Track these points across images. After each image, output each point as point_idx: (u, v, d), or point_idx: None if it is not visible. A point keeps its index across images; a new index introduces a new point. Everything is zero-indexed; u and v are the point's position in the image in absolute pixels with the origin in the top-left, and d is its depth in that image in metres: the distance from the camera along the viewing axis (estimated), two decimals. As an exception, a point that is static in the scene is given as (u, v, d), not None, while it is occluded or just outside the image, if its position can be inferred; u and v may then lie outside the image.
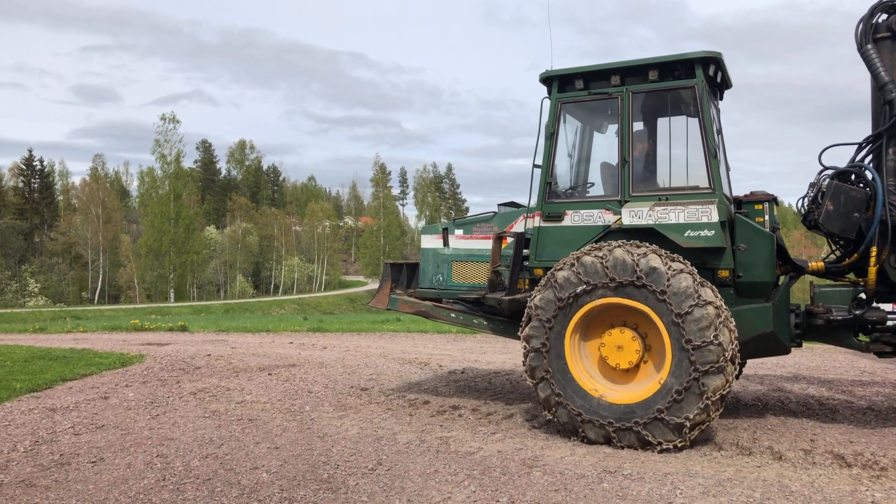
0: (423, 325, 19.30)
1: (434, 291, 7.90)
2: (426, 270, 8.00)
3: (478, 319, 7.69)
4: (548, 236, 6.88)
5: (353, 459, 5.67)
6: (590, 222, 6.71)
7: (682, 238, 6.28)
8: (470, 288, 7.65)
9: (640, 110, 6.96)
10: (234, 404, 7.98)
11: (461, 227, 7.88)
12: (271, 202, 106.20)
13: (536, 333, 6.29)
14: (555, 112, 6.95)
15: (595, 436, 6.00)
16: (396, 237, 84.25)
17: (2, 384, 9.19)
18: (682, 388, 5.68)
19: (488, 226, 7.68)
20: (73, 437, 6.48)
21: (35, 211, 74.52)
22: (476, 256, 7.69)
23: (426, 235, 8.12)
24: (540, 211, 6.93)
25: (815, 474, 5.19)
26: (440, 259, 7.91)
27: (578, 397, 6.10)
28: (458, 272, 7.79)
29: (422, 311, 7.81)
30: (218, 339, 16.85)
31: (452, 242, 7.87)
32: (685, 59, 6.41)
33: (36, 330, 21.01)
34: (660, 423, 5.76)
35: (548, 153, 6.94)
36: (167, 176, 65.06)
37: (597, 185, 7.34)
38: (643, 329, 6.14)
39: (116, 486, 5.05)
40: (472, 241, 7.76)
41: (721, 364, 5.66)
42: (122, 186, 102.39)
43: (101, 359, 11.99)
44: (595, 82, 6.80)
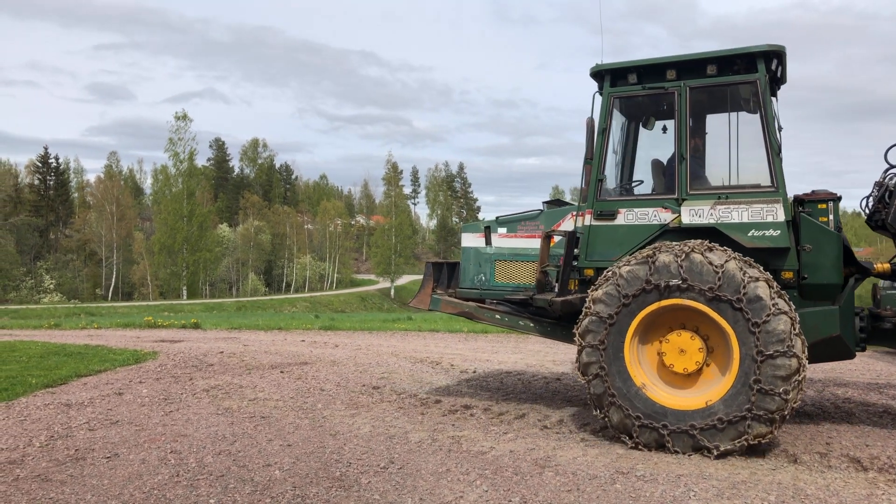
0: (434, 325, 19.32)
1: (476, 292, 7.64)
2: (467, 270, 7.75)
3: (524, 321, 7.43)
4: (599, 235, 6.70)
5: (365, 458, 5.68)
6: (644, 221, 6.53)
7: (745, 238, 6.10)
8: (515, 288, 7.42)
9: (697, 106, 6.74)
10: (246, 402, 8.01)
11: (505, 226, 7.60)
12: (284, 200, 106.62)
13: (595, 329, 6.06)
14: (607, 107, 6.76)
15: (647, 439, 5.83)
16: (408, 236, 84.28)
17: (17, 379, 9.28)
18: (749, 396, 5.50)
19: (534, 224, 7.44)
20: (87, 433, 6.54)
21: (50, 208, 75.31)
22: (521, 256, 7.45)
23: (467, 234, 7.84)
24: (591, 209, 6.74)
25: (830, 478, 5.14)
26: (482, 258, 7.65)
27: (635, 398, 5.90)
28: (502, 272, 7.54)
29: (465, 311, 7.55)
30: (230, 336, 16.94)
31: (495, 241, 7.61)
32: (747, 52, 6.22)
33: (51, 326, 21.21)
34: (720, 429, 5.57)
35: (599, 149, 6.74)
36: (180, 174, 65.46)
37: (646, 182, 7.18)
38: (704, 331, 5.94)
39: (131, 482, 5.09)
40: (517, 239, 7.50)
41: (792, 375, 5.45)
42: (136, 184, 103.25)
43: (115, 355, 12.09)
44: (649, 77, 6.61)
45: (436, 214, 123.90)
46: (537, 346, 13.95)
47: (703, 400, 5.74)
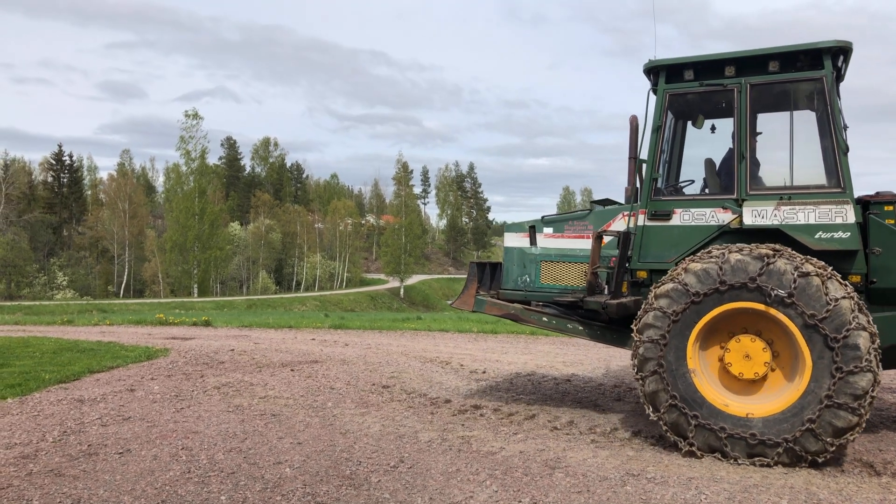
0: (444, 325, 19.31)
1: (520, 293, 7.38)
2: (510, 271, 7.48)
3: (572, 324, 7.21)
4: (654, 236, 6.53)
5: (375, 456, 5.69)
6: (701, 222, 6.36)
7: (812, 240, 5.92)
8: (562, 290, 7.18)
9: (758, 103, 6.52)
10: (257, 399, 8.05)
11: (551, 226, 7.37)
12: (294, 199, 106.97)
13: (657, 324, 5.85)
14: (662, 104, 6.59)
15: (702, 442, 5.67)
16: (418, 236, 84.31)
17: (31, 375, 9.36)
18: (816, 410, 5.34)
19: (582, 224, 7.23)
20: (100, 428, 6.59)
21: (64, 205, 75.92)
22: (568, 257, 7.20)
23: (510, 234, 7.57)
24: (645, 209, 6.57)
25: (843, 482, 5.10)
26: (527, 259, 7.38)
27: (694, 401, 5.73)
28: (548, 273, 7.29)
29: (510, 314, 7.34)
30: (241, 334, 17.01)
31: (541, 241, 7.36)
32: (813, 48, 6.03)
33: (64, 322, 21.39)
34: (780, 440, 5.43)
35: (653, 147, 6.58)
36: (192, 172, 65.81)
37: (697, 181, 7.05)
38: (768, 337, 5.76)
39: (143, 478, 5.12)
40: (564, 240, 7.26)
41: (868, 391, 5.27)
42: (149, 182, 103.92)
43: (128, 352, 12.17)
44: (707, 73, 6.44)
45: (446, 214, 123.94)
46: (547, 347, 13.92)
47: (765, 408, 5.58)
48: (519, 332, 17.05)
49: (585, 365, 11.20)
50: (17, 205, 68.81)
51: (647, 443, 6.21)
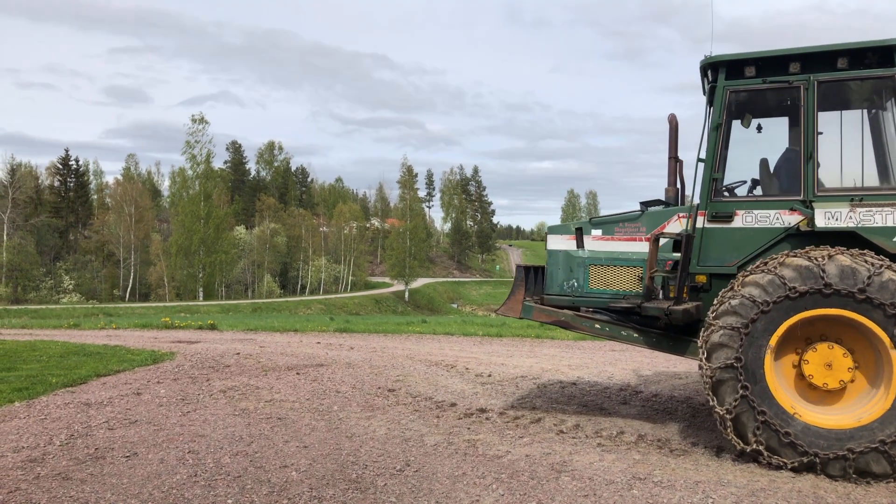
0: (449, 328, 19.31)
1: (567, 299, 7.00)
2: (555, 275, 7.09)
3: (626, 331, 6.85)
4: (714, 238, 6.29)
5: (381, 460, 5.69)
6: (766, 224, 6.12)
7: (891, 243, 5.69)
8: (613, 295, 6.82)
9: (824, 101, 6.27)
10: (263, 403, 8.06)
11: (599, 227, 7.00)
12: (299, 203, 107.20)
13: (742, 312, 5.54)
14: (722, 101, 6.33)
15: (791, 461, 5.38)
16: (422, 239, 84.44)
17: (38, 379, 9.40)
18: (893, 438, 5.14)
19: (634, 226, 6.86)
20: (107, 432, 6.60)
21: (70, 209, 76.22)
22: (619, 260, 6.84)
23: (555, 236, 7.18)
24: (704, 210, 6.33)
25: (851, 486, 5.09)
26: (574, 262, 6.99)
27: (778, 418, 5.43)
28: (597, 277, 6.91)
29: (560, 320, 6.97)
30: (246, 337, 17.04)
31: (589, 244, 6.99)
32: (885, 45, 5.81)
33: (70, 326, 21.46)
34: (880, 452, 5.17)
35: (713, 146, 6.33)
36: (197, 176, 66.04)
37: (746, 181, 6.82)
38: (848, 344, 5.56)
39: (150, 481, 5.13)
40: (614, 242, 6.90)
41: None
42: (154, 186, 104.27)
43: (134, 355, 12.21)
44: (770, 70, 6.20)
45: (450, 218, 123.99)
46: (552, 350, 13.91)
47: (853, 419, 5.36)
48: (524, 335, 17.04)
49: (591, 368, 11.18)
50: (24, 209, 69.14)
51: (654, 446, 6.20)
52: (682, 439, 6.47)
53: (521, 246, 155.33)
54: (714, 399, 5.65)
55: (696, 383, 9.69)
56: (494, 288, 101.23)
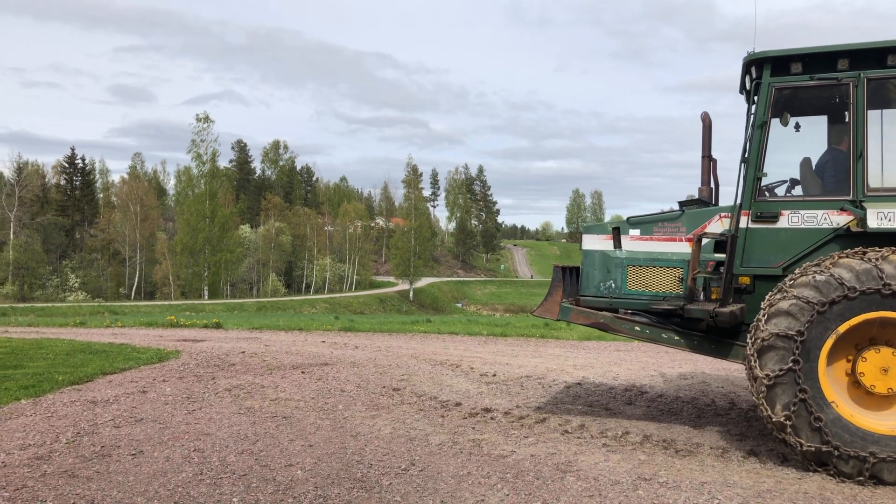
0: (454, 327, 19.32)
1: (604, 300, 6.80)
2: (591, 276, 6.90)
3: (667, 334, 6.66)
4: (759, 239, 6.15)
5: (386, 459, 5.69)
6: (813, 224, 5.98)
7: None
8: (652, 297, 6.64)
9: (873, 98, 6.11)
10: (268, 401, 8.07)
11: (637, 227, 6.80)
12: (304, 202, 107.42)
13: (797, 314, 5.34)
14: (767, 99, 6.16)
15: (850, 469, 5.21)
16: (427, 238, 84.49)
17: (45, 376, 9.44)
18: None
19: (674, 226, 6.68)
20: (113, 430, 6.63)
21: (76, 208, 76.57)
22: (658, 261, 6.66)
23: (591, 235, 6.99)
24: (748, 210, 6.18)
25: (857, 488, 5.06)
26: (611, 263, 6.82)
27: (834, 424, 5.25)
28: (636, 278, 6.73)
29: (599, 322, 6.76)
30: (251, 336, 17.08)
31: (626, 244, 6.80)
32: None
33: (76, 324, 21.54)
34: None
35: (758, 145, 6.17)
36: (203, 175, 66.20)
37: (785, 181, 6.71)
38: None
39: (156, 479, 5.15)
40: (653, 242, 6.72)
41: None
42: (160, 185, 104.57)
43: (139, 353, 12.25)
44: (817, 66, 6.06)
45: (455, 217, 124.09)
46: (557, 350, 13.90)
47: (888, 427, 5.24)
48: (529, 335, 17.04)
49: (596, 368, 11.17)
50: (31, 207, 69.47)
51: (659, 447, 6.18)
52: (687, 440, 6.45)
53: (526, 245, 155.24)
54: (766, 404, 5.46)
55: (701, 384, 9.67)
56: (499, 287, 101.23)
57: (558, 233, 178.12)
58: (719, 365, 11.61)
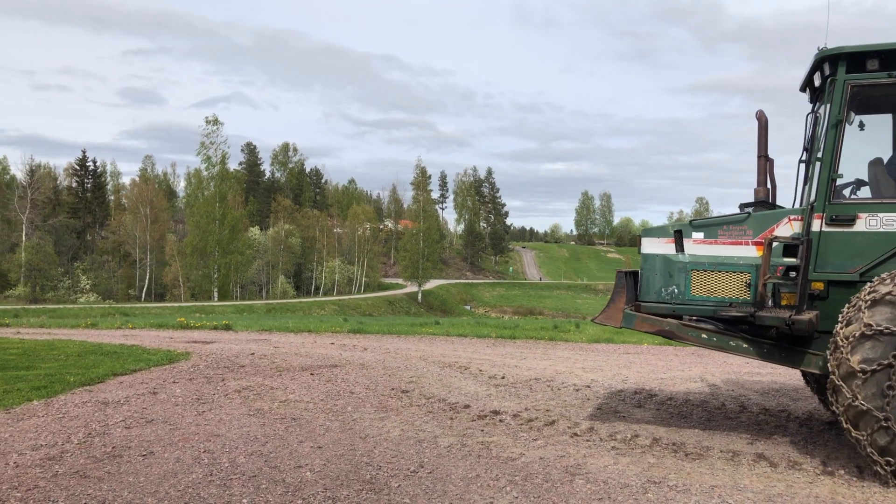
0: (462, 329, 19.31)
1: (666, 306, 6.51)
2: (652, 281, 6.62)
3: (735, 341, 6.37)
4: (834, 243, 5.89)
5: (394, 461, 5.70)
6: (892, 228, 5.74)
7: None
8: (718, 303, 6.34)
9: None
10: (277, 403, 8.10)
11: (701, 230, 6.53)
12: (313, 204, 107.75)
13: (879, 356, 5.05)
14: (842, 96, 5.92)
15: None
16: (436, 241, 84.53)
17: (56, 377, 9.51)
18: None
19: (740, 229, 6.39)
20: (124, 431, 6.67)
21: (87, 210, 77.14)
22: (725, 265, 6.36)
23: (651, 238, 6.71)
24: (821, 213, 5.93)
25: (868, 492, 5.02)
26: (673, 268, 6.52)
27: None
28: (700, 284, 6.43)
29: (664, 330, 6.50)
30: (261, 338, 17.14)
31: (689, 248, 6.53)
32: None
33: (87, 325, 21.69)
34: None
35: (832, 144, 5.93)
36: (213, 177, 66.54)
37: (851, 182, 6.47)
38: None
39: (166, 480, 5.18)
40: (718, 246, 6.44)
41: None
42: (170, 187, 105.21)
43: (150, 355, 12.32)
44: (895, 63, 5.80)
45: (463, 219, 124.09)
46: (566, 353, 13.87)
47: None
48: (538, 337, 17.01)
49: (605, 371, 11.14)
50: (43, 209, 70.02)
51: (669, 450, 6.16)
52: (697, 443, 6.43)
53: (535, 248, 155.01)
54: (852, 423, 5.24)
55: (711, 387, 9.63)
56: (508, 290, 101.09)
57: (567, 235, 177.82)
58: (729, 368, 11.56)
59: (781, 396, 8.96)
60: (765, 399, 8.76)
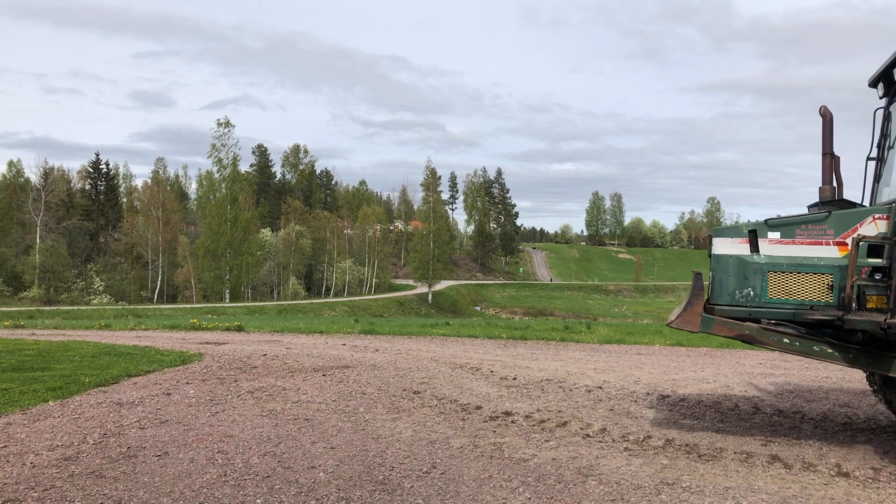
0: (473, 330, 19.30)
1: (742, 310, 6.24)
2: (724, 283, 6.34)
3: (819, 347, 6.10)
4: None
5: (407, 462, 5.71)
6: None
7: None
8: (798, 306, 6.09)
9: None
10: (290, 404, 8.14)
11: (778, 230, 6.23)
12: (324, 206, 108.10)
13: None
14: None
15: None
16: (446, 241, 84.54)
17: (71, 378, 9.59)
18: None
19: (819, 228, 6.11)
20: (139, 431, 6.72)
21: (101, 212, 77.81)
22: (804, 266, 6.10)
23: (722, 239, 6.41)
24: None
25: (885, 494, 4.99)
26: (749, 269, 6.25)
27: None
28: (778, 286, 6.17)
29: (745, 334, 6.18)
30: (273, 339, 17.21)
31: (765, 248, 6.24)
32: None
33: (101, 327, 21.86)
34: None
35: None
36: (224, 179, 66.90)
37: None
38: None
39: (181, 480, 5.22)
40: (796, 246, 6.17)
41: None
42: (182, 189, 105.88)
43: (163, 356, 12.40)
44: None
45: (473, 220, 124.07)
46: (578, 354, 13.84)
47: None
48: (549, 338, 16.98)
49: (617, 372, 11.10)
50: (57, 212, 70.68)
51: (681, 451, 6.14)
52: (710, 444, 6.40)
53: (545, 248, 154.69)
54: None
55: (724, 388, 9.58)
56: (518, 290, 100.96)
57: (578, 235, 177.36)
58: (741, 369, 11.49)
59: (795, 397, 8.90)
60: (778, 400, 8.71)
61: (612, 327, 21.80)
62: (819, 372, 11.20)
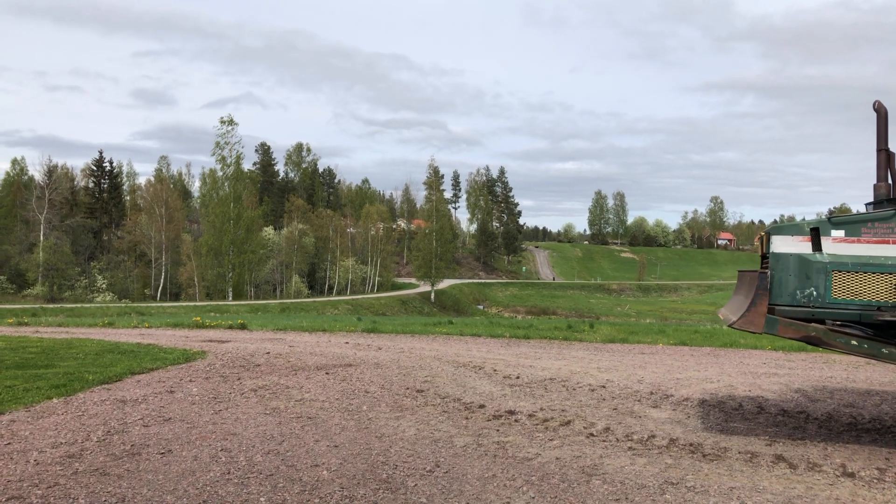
0: (476, 329, 19.29)
1: (804, 310, 6.07)
2: (785, 282, 6.16)
3: (889, 349, 5.95)
4: None
5: (410, 461, 5.71)
6: None
7: None
8: (864, 306, 5.94)
9: None
10: (293, 402, 8.13)
11: (842, 228, 6.10)
12: (327, 204, 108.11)
13: None
14: None
15: None
16: (448, 240, 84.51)
17: (75, 376, 9.60)
18: None
19: (886, 227, 5.98)
20: (142, 429, 6.73)
21: (104, 210, 77.84)
22: (870, 266, 5.97)
23: (783, 237, 6.22)
24: None
25: (890, 494, 4.97)
26: (811, 268, 6.09)
27: None
28: (842, 285, 6.03)
29: (810, 336, 6.04)
30: (276, 337, 17.21)
31: (829, 247, 6.10)
32: None
33: (104, 325, 21.89)
34: None
35: None
36: (227, 178, 66.94)
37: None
38: None
39: (185, 478, 5.22)
40: (862, 245, 6.04)
41: None
42: (185, 187, 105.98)
43: (166, 354, 12.41)
44: None
45: (476, 219, 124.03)
46: (581, 353, 13.82)
47: None
48: (552, 337, 16.96)
49: (621, 371, 11.08)
50: (60, 210, 70.78)
51: (686, 451, 6.12)
52: (714, 444, 6.38)
53: (548, 247, 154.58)
54: None
55: (728, 387, 9.55)
56: (521, 289, 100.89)
57: (580, 235, 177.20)
58: (746, 368, 11.46)
59: (800, 397, 8.88)
60: (783, 400, 8.68)
61: (615, 326, 21.78)
62: (823, 372, 11.17)
